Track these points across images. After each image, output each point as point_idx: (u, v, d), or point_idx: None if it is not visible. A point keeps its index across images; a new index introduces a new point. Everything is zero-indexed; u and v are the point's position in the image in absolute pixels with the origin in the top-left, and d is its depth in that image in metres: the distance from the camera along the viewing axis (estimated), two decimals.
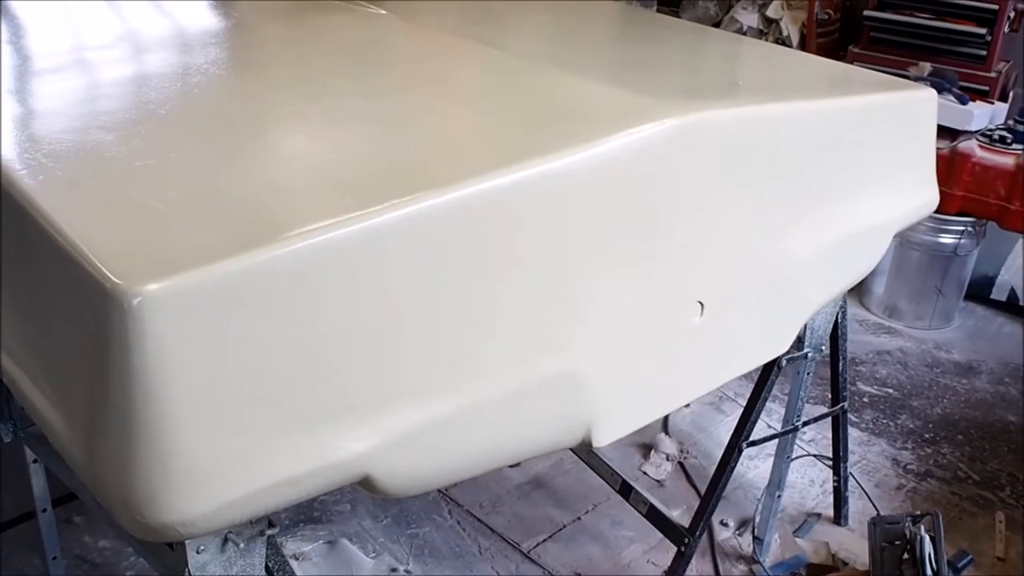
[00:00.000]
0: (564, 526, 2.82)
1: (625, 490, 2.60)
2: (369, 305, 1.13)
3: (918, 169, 2.14)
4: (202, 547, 1.20)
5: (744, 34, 5.16)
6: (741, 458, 2.97)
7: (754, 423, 2.34)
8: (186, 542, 1.17)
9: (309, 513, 2.77)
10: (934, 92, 2.12)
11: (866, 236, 1.98)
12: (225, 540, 1.22)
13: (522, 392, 1.31)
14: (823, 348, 2.37)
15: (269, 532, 1.27)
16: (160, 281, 0.96)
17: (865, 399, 3.58)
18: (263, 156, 1.36)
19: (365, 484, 1.21)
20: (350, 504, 2.80)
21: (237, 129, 1.44)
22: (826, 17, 4.92)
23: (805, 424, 2.52)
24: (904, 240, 4.04)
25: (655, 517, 2.51)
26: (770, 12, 5.07)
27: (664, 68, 1.98)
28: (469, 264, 1.23)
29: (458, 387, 1.24)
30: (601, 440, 1.45)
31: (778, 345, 1.85)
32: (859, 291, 4.33)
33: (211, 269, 1.00)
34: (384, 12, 2.10)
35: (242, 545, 1.23)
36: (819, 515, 2.90)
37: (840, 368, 2.59)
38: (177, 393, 0.99)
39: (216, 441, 1.04)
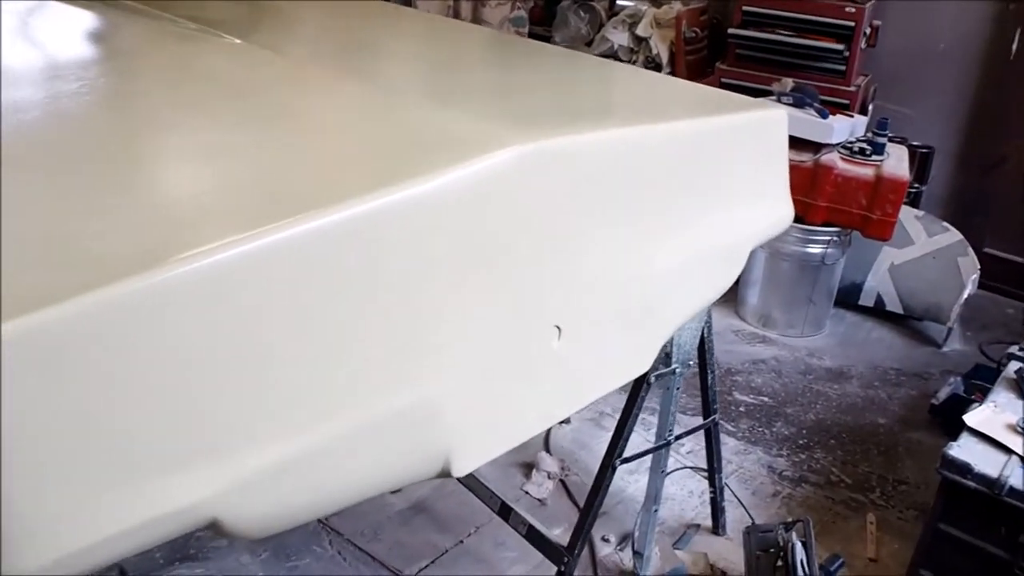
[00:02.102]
0: (446, 550, 2.80)
1: (504, 512, 2.60)
2: (204, 347, 1.09)
3: (772, 186, 2.20)
4: None
5: (615, 53, 5.26)
6: (622, 473, 3.02)
7: (627, 440, 2.37)
8: None
9: (185, 551, 2.69)
10: (785, 111, 2.18)
11: (723, 254, 2.01)
12: None
13: (376, 426, 1.29)
14: (691, 363, 2.42)
15: None
16: None
17: (741, 408, 3.67)
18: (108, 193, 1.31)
19: (214, 528, 1.18)
20: (227, 540, 2.74)
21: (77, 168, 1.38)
22: (693, 35, 5.05)
23: (677, 438, 2.56)
24: (774, 251, 4.15)
25: (535, 537, 2.52)
26: (640, 31, 5.18)
27: (519, 94, 1.99)
28: (314, 300, 1.20)
29: (307, 425, 1.22)
30: (461, 470, 1.44)
31: (639, 365, 1.87)
32: (734, 302, 4.44)
33: (33, 317, 0.96)
34: (239, 42, 2.06)
35: None
36: (698, 526, 2.96)
37: (709, 381, 2.64)
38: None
39: (48, 493, 1.00)
